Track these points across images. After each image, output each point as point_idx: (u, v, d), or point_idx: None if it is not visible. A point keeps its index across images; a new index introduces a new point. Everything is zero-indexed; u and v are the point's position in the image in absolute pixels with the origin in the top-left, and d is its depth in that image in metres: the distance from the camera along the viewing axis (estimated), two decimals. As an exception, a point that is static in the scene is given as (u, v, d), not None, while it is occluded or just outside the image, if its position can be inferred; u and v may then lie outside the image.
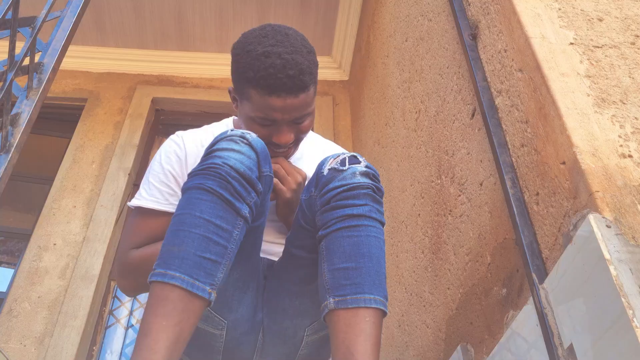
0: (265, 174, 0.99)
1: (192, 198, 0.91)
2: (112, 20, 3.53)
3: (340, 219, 0.94)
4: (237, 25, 3.57)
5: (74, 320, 2.51)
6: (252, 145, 0.96)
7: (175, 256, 0.85)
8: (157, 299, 0.83)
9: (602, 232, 0.76)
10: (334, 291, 0.90)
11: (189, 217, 0.89)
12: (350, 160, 1.00)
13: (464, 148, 1.36)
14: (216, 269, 0.87)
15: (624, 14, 1.09)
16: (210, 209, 0.89)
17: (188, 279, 0.83)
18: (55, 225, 2.85)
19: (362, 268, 0.91)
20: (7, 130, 0.98)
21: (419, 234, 1.71)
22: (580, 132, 0.88)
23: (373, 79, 2.69)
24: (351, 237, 0.93)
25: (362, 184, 0.96)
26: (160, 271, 0.85)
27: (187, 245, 0.86)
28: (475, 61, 1.27)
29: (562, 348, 0.81)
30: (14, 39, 1.04)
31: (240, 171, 0.92)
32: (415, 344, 1.66)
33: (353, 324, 0.86)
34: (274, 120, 1.12)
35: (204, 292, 0.84)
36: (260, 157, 0.97)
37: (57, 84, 3.48)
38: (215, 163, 0.92)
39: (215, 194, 0.90)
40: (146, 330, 0.80)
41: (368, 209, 0.95)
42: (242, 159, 0.94)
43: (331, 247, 0.94)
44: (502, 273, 1.11)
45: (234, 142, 0.96)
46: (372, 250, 0.93)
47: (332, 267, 0.92)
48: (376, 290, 0.90)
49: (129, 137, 3.25)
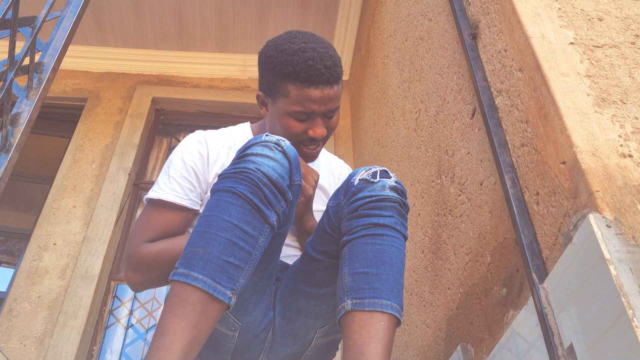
0: (295, 182, 0.99)
1: (222, 201, 0.90)
2: (112, 20, 3.53)
3: (366, 227, 0.96)
4: (237, 25, 3.57)
5: (74, 320, 2.51)
6: (286, 153, 0.97)
7: (200, 258, 0.85)
8: (177, 299, 0.83)
9: (602, 231, 0.76)
10: (353, 293, 0.91)
11: (216, 219, 0.88)
12: (382, 174, 1.04)
13: (464, 148, 1.36)
14: (239, 274, 0.87)
15: (624, 13, 1.09)
16: (239, 213, 0.89)
17: (210, 282, 0.83)
18: (56, 225, 2.85)
19: (382, 274, 0.92)
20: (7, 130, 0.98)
21: (419, 233, 1.71)
22: (581, 132, 0.88)
23: (373, 79, 2.69)
24: (374, 245, 0.95)
25: (390, 197, 0.99)
26: (183, 271, 0.84)
27: (212, 247, 0.86)
28: (475, 61, 1.27)
29: (562, 348, 0.81)
30: (14, 39, 1.04)
31: (273, 179, 0.92)
32: (416, 344, 1.66)
33: (367, 326, 0.87)
34: (310, 114, 1.18)
35: (224, 297, 0.84)
36: (293, 165, 0.98)
37: (57, 83, 3.48)
38: (248, 168, 0.92)
39: (245, 199, 0.90)
40: (164, 329, 0.80)
41: (394, 220, 0.98)
42: (275, 166, 0.94)
43: (354, 252, 0.96)
44: (502, 273, 1.11)
45: (269, 149, 0.95)
46: (394, 260, 0.95)
47: (353, 270, 0.94)
48: (394, 298, 0.91)
49: (129, 137, 3.25)
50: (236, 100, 3.52)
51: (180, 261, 0.86)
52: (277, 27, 3.56)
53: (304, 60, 1.14)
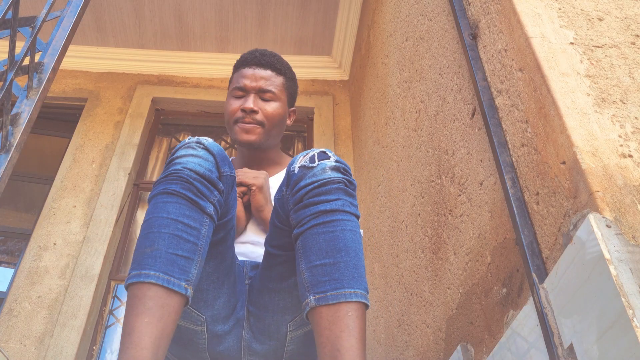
0: (225, 174, 1.02)
1: (158, 202, 0.93)
2: (112, 20, 3.53)
3: (314, 216, 0.95)
4: (237, 25, 3.57)
5: (74, 319, 2.51)
6: (208, 148, 1.01)
7: (148, 256, 0.87)
8: (135, 299, 0.84)
9: (602, 231, 0.76)
10: (314, 288, 0.90)
11: (156, 219, 0.91)
12: (320, 157, 1.02)
13: (464, 148, 1.36)
14: (189, 265, 0.89)
15: (624, 13, 1.09)
16: (177, 209, 0.92)
17: (163, 276, 0.85)
18: (55, 225, 2.85)
19: (339, 263, 0.90)
20: (7, 130, 0.98)
21: (419, 233, 1.71)
22: (581, 132, 0.88)
23: (373, 79, 2.69)
24: (326, 233, 0.93)
25: (333, 178, 0.97)
26: (135, 273, 0.86)
27: (158, 244, 0.88)
28: (475, 61, 1.27)
29: (562, 348, 0.81)
30: (14, 39, 1.04)
31: (200, 172, 0.96)
32: (415, 344, 1.66)
33: (336, 319, 0.86)
34: (243, 89, 1.39)
35: (180, 288, 0.86)
36: (218, 158, 1.01)
37: (57, 83, 3.48)
38: (176, 169, 0.96)
39: (179, 195, 0.93)
40: (129, 329, 0.81)
41: (341, 203, 0.96)
42: (201, 162, 0.98)
43: (307, 245, 0.94)
44: (502, 273, 1.11)
45: (191, 148, 1.00)
46: (349, 244, 0.92)
47: (310, 264, 0.92)
48: (356, 284, 0.89)
49: (129, 137, 3.25)
50: (236, 100, 3.52)
51: (131, 266, 0.88)
52: (277, 27, 3.56)
53: (247, 52, 1.45)
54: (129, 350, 0.78)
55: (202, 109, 3.59)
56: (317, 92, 3.56)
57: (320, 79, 3.66)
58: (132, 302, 0.84)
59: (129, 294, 0.86)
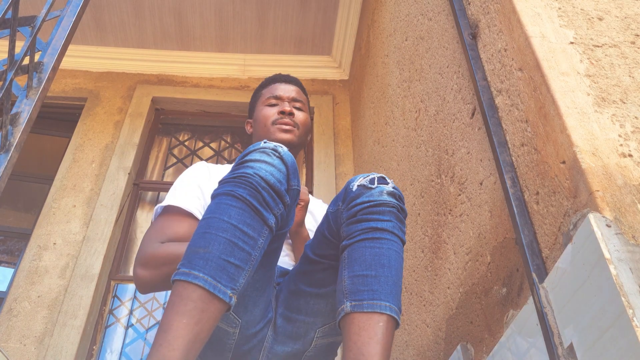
0: (293, 187, 1.01)
1: (222, 203, 0.93)
2: (112, 19, 3.53)
3: (365, 231, 0.98)
4: (237, 25, 3.57)
5: (74, 319, 2.51)
6: (283, 158, 1.00)
7: (201, 257, 0.86)
8: (179, 297, 0.84)
9: (602, 231, 0.76)
10: (352, 296, 0.93)
11: (216, 221, 0.90)
12: (379, 181, 1.06)
13: (464, 147, 1.36)
14: (239, 274, 0.88)
15: (624, 13, 1.09)
16: (239, 215, 0.91)
17: (211, 280, 0.84)
18: (55, 225, 2.85)
19: (380, 277, 0.94)
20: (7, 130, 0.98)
21: (419, 233, 1.71)
22: (580, 132, 0.88)
23: (373, 78, 2.69)
24: (373, 248, 0.97)
25: (388, 202, 1.01)
26: (185, 270, 0.86)
27: (212, 247, 0.87)
28: (475, 60, 1.27)
29: (562, 347, 0.81)
30: (13, 38, 1.04)
31: (270, 182, 0.95)
32: (415, 343, 1.66)
33: (366, 327, 0.88)
34: (278, 98, 1.55)
35: (224, 295, 0.85)
36: (290, 170, 1.00)
37: (57, 83, 3.48)
38: (247, 173, 0.95)
39: (244, 202, 0.92)
40: (166, 326, 0.81)
41: (392, 225, 1.00)
42: (273, 171, 0.96)
43: (353, 256, 0.97)
44: (502, 272, 1.11)
45: (267, 155, 0.99)
46: (392, 263, 0.96)
47: (352, 273, 0.95)
48: (392, 300, 0.92)
49: (129, 137, 3.24)
50: (236, 99, 3.52)
51: (181, 262, 0.88)
52: (277, 27, 3.56)
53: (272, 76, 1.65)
54: (162, 348, 0.79)
55: (202, 109, 3.59)
56: (317, 91, 3.56)
57: (320, 78, 3.66)
58: (174, 299, 0.84)
59: (173, 290, 0.85)
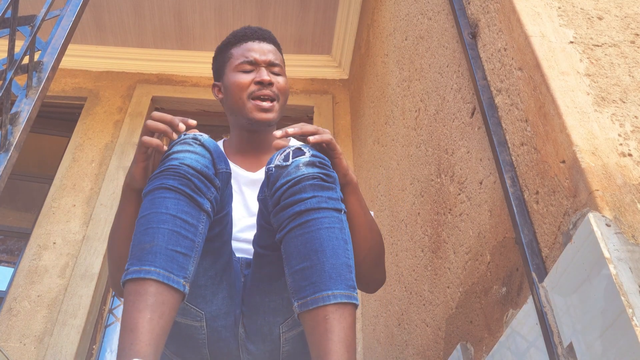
0: (221, 170, 1.01)
1: (156, 197, 0.92)
2: (112, 18, 3.53)
3: (291, 218, 0.93)
4: (236, 24, 3.57)
5: (74, 319, 2.51)
6: (205, 145, 1.00)
7: (148, 252, 0.86)
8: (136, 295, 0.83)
9: (601, 230, 0.76)
10: (296, 294, 0.89)
11: (155, 215, 0.90)
12: (295, 154, 0.99)
13: (464, 147, 1.36)
14: (187, 262, 0.89)
15: (624, 12, 1.08)
16: (175, 205, 0.91)
17: (164, 272, 0.85)
18: (55, 224, 2.85)
19: (315, 265, 0.89)
20: (7, 129, 0.98)
21: (419, 232, 1.71)
22: (580, 131, 0.88)
23: (373, 78, 2.69)
24: (303, 235, 0.91)
25: (306, 175, 0.94)
26: (135, 268, 0.85)
27: (158, 240, 0.87)
28: (475, 60, 1.27)
29: (562, 347, 0.81)
30: (13, 38, 1.04)
31: (198, 169, 0.96)
32: (415, 343, 1.66)
33: (315, 325, 0.85)
34: (253, 62, 1.31)
35: (178, 285, 0.85)
36: (214, 155, 1.01)
37: (57, 82, 3.47)
38: (173, 164, 0.95)
39: (177, 191, 0.92)
40: (132, 325, 0.80)
41: (316, 200, 0.93)
42: (198, 158, 0.97)
43: (287, 250, 0.93)
44: (501, 272, 1.11)
45: (188, 144, 0.99)
46: (324, 244, 0.90)
47: (291, 270, 0.92)
48: (334, 284, 0.87)
49: (129, 136, 3.24)
50: (236, 99, 3.52)
51: (129, 262, 0.87)
52: (277, 27, 3.56)
53: (241, 30, 1.38)
54: (133, 346, 0.78)
55: (202, 108, 3.59)
56: (317, 91, 3.56)
57: (319, 77, 3.66)
58: (132, 298, 0.83)
59: (128, 290, 0.85)
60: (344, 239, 0.93)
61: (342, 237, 0.93)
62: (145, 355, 0.77)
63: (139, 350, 0.77)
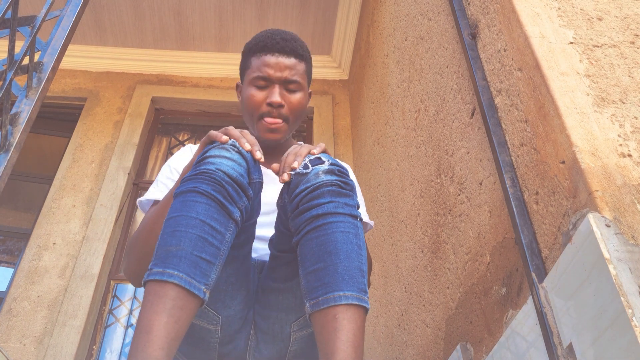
0: (254, 180, 1.02)
1: (187, 201, 0.93)
2: (112, 19, 3.53)
3: (308, 222, 0.95)
4: (236, 25, 3.57)
5: (74, 319, 2.51)
6: (242, 153, 1.01)
7: (173, 255, 0.86)
8: (156, 296, 0.83)
9: (601, 231, 0.76)
10: (309, 295, 0.91)
11: (184, 218, 0.90)
12: (314, 162, 1.02)
13: (464, 147, 1.36)
14: (210, 269, 0.89)
15: (624, 13, 1.09)
16: (205, 210, 0.91)
17: (186, 278, 0.85)
18: (55, 225, 2.85)
19: (329, 266, 0.90)
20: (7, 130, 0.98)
21: (419, 233, 1.71)
22: (580, 132, 0.88)
23: (373, 78, 2.69)
24: (318, 238, 0.94)
25: (325, 181, 0.98)
26: (158, 270, 0.85)
27: (184, 244, 0.87)
28: (474, 60, 1.27)
29: (562, 347, 0.81)
30: (13, 38, 1.04)
31: (233, 177, 0.96)
32: (415, 343, 1.66)
33: (325, 324, 0.86)
34: (267, 79, 1.30)
35: (199, 292, 0.85)
36: (250, 164, 1.01)
37: (57, 83, 3.48)
38: (209, 169, 0.95)
39: (210, 197, 0.92)
40: (147, 327, 0.80)
41: (332, 205, 0.96)
42: (234, 165, 0.97)
43: (303, 252, 0.95)
44: (501, 272, 1.11)
45: (226, 150, 0.99)
46: (338, 246, 0.92)
47: (305, 271, 0.93)
48: (346, 286, 0.88)
49: (129, 136, 3.25)
50: (235, 99, 3.52)
51: (153, 262, 0.87)
52: (277, 27, 3.56)
53: (264, 35, 1.33)
54: (146, 348, 0.78)
55: (202, 109, 3.59)
56: (317, 91, 3.56)
57: (319, 78, 3.66)
58: (152, 299, 0.83)
59: (148, 290, 0.85)
60: (358, 244, 0.95)
61: (357, 242, 0.95)
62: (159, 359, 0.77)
63: (151, 354, 0.77)
